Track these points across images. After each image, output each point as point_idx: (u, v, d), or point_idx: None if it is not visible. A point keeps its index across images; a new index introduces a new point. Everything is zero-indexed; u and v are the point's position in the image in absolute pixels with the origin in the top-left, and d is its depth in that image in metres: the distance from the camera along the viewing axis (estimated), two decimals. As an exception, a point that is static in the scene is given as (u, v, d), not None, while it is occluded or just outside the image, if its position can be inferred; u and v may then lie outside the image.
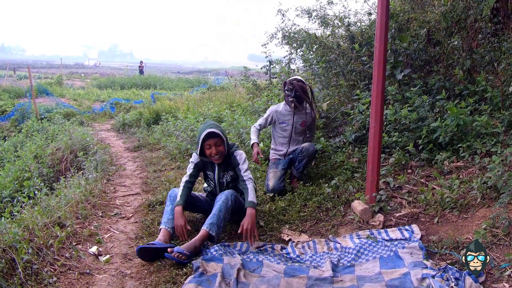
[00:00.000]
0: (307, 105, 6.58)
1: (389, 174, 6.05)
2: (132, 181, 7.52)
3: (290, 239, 4.86)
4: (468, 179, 5.33)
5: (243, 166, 5.09)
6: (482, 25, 7.67)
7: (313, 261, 4.33)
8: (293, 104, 6.41)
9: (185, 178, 5.14)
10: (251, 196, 4.87)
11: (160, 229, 4.80)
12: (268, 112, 6.71)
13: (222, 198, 4.82)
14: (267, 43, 13.26)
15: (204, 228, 4.57)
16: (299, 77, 6.59)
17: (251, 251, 4.53)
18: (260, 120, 6.69)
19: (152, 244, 4.48)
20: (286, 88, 6.51)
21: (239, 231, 4.69)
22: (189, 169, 5.22)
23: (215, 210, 4.72)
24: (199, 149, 5.04)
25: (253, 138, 6.50)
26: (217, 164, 5.17)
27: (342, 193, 5.86)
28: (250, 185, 4.95)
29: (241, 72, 17.93)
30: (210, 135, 4.94)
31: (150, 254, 4.41)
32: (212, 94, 19.47)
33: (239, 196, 5.09)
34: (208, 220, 4.64)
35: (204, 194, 5.50)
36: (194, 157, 5.24)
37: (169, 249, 4.28)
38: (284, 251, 4.61)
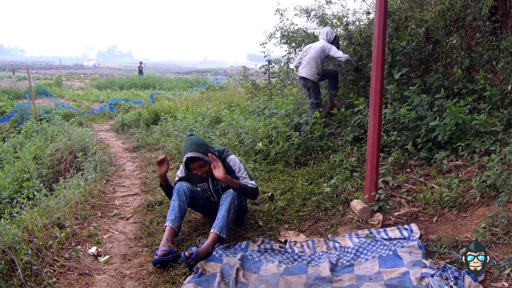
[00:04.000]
0: None
1: (388, 173, 6.04)
2: (131, 182, 7.52)
3: (286, 240, 4.85)
4: (467, 178, 5.33)
5: (240, 175, 5.01)
6: (480, 23, 7.66)
7: (312, 260, 4.33)
8: None
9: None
10: (246, 184, 4.94)
11: (166, 226, 4.67)
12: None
13: (228, 197, 4.74)
14: (266, 42, 13.25)
15: (215, 232, 4.50)
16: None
17: (251, 250, 4.53)
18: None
19: (169, 253, 4.39)
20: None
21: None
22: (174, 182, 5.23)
23: (223, 211, 4.64)
24: (184, 170, 5.03)
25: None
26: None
27: (341, 192, 5.85)
28: (250, 184, 4.96)
29: (240, 72, 17.93)
30: (191, 160, 4.85)
31: (164, 261, 4.36)
32: (211, 94, 19.47)
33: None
34: (218, 223, 4.56)
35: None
36: (181, 172, 5.25)
37: (186, 253, 4.16)
38: (282, 250, 4.60)
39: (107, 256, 4.56)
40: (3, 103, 21.36)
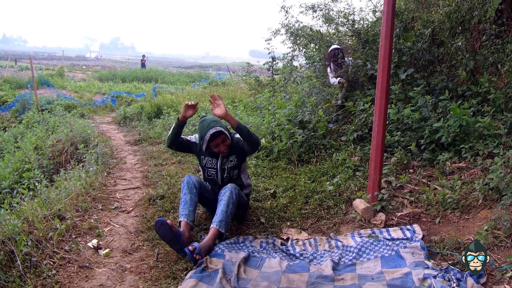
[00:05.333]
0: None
1: (390, 173, 6.03)
2: (132, 175, 7.50)
3: (288, 238, 4.84)
4: (470, 180, 5.31)
5: None
6: (486, 26, 7.64)
7: (314, 258, 4.31)
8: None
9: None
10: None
11: (181, 221, 4.61)
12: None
13: (226, 193, 4.72)
14: (270, 38, 13.25)
15: (214, 227, 4.49)
16: (335, 46, 9.33)
17: (253, 246, 4.52)
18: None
19: (177, 233, 4.37)
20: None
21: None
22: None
23: (222, 206, 4.62)
24: (205, 147, 4.93)
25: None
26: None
27: (343, 191, 5.84)
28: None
29: (243, 67, 17.93)
30: (215, 135, 4.85)
31: (165, 232, 4.31)
32: (213, 89, 19.46)
33: (240, 190, 5.01)
34: (217, 218, 4.55)
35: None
36: (195, 139, 5.24)
37: (190, 247, 4.13)
38: (284, 247, 4.59)
39: (107, 249, 4.54)
40: (5, 92, 21.31)
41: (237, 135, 5.08)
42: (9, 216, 4.66)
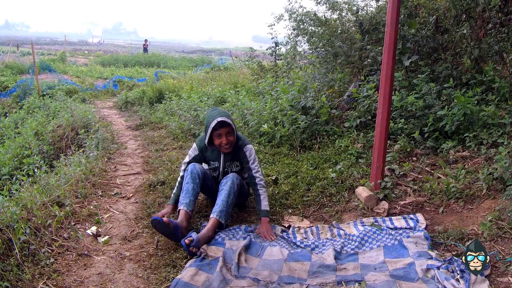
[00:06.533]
0: None
1: (393, 161, 5.98)
2: (133, 160, 7.45)
3: (289, 225, 4.81)
4: (474, 170, 5.26)
5: (254, 167, 4.88)
6: (491, 14, 7.56)
7: (316, 247, 4.27)
8: None
9: (182, 172, 5.03)
10: (264, 205, 4.76)
11: (180, 210, 4.56)
12: None
13: (228, 182, 4.67)
14: (274, 24, 13.17)
15: (214, 217, 4.45)
16: None
17: (254, 234, 4.49)
18: None
19: (174, 228, 4.30)
20: None
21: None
22: (185, 162, 5.09)
23: (223, 196, 4.58)
24: (207, 137, 4.81)
25: None
26: (223, 153, 4.97)
27: (346, 178, 5.78)
28: (263, 192, 4.82)
29: (246, 52, 17.87)
30: (221, 124, 4.71)
31: (163, 228, 4.27)
32: (216, 74, 19.42)
33: (242, 180, 4.96)
34: (217, 208, 4.51)
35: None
36: (194, 150, 5.06)
37: (186, 240, 4.07)
38: (284, 234, 4.56)
39: (106, 237, 4.50)
40: (6, 78, 21.21)
41: (247, 151, 4.93)
42: (8, 203, 4.60)
